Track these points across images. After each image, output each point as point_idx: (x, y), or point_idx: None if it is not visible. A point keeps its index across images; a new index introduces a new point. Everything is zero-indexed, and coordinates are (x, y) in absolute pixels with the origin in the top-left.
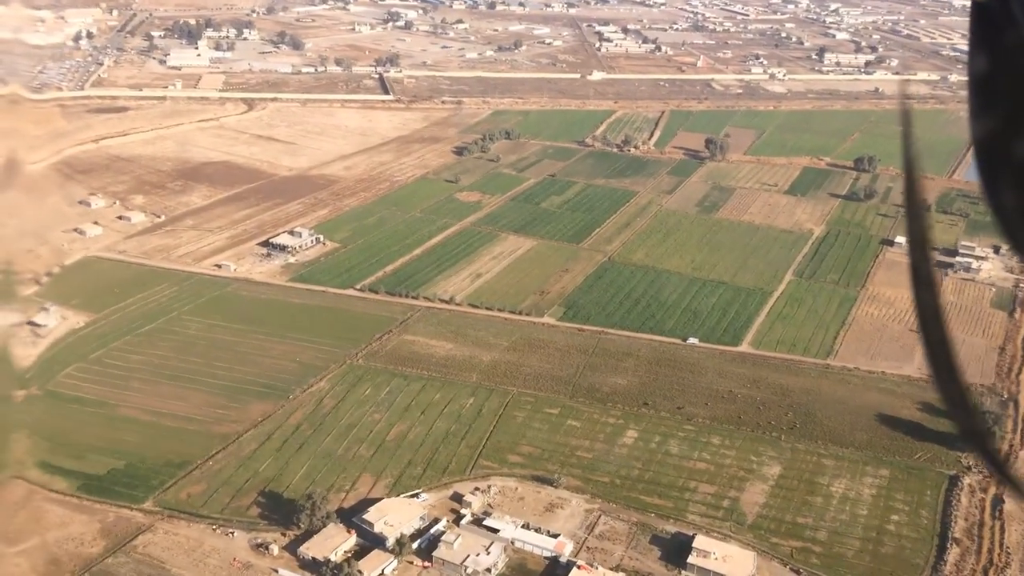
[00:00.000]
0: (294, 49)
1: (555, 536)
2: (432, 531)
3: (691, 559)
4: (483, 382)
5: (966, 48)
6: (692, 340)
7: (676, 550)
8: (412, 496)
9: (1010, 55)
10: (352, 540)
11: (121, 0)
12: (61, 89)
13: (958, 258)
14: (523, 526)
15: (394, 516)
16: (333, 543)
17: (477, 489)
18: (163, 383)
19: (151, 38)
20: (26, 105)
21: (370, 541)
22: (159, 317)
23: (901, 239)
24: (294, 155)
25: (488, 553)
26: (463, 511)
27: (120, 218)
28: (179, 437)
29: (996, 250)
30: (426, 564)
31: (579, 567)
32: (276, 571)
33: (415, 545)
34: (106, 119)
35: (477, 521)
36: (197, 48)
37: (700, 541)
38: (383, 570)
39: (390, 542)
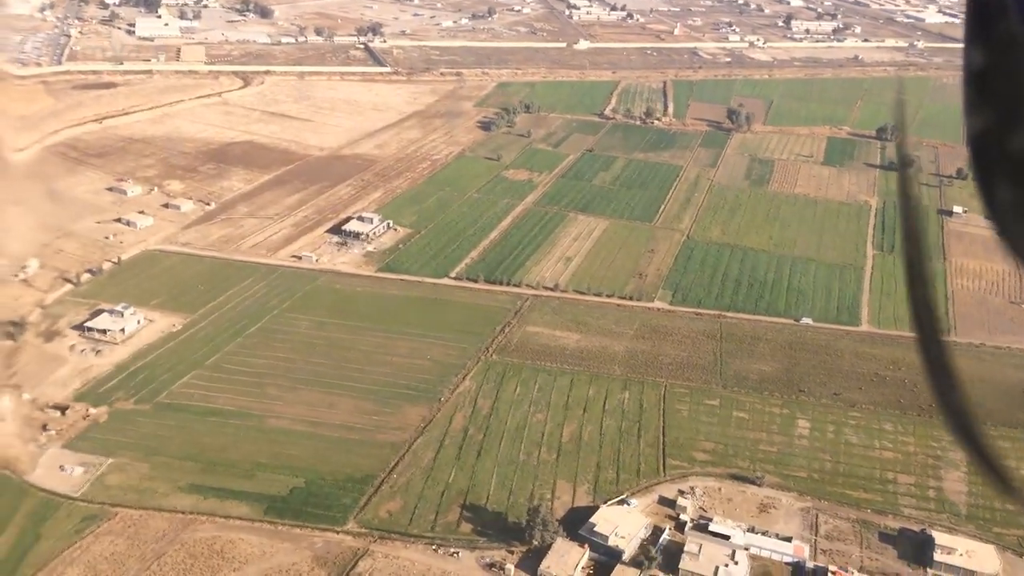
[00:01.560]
0: (262, 17)
1: (787, 540)
2: (661, 541)
3: (937, 556)
4: (628, 374)
5: (919, 16)
6: (806, 320)
7: (912, 547)
8: (619, 503)
9: (1004, 49)
10: (586, 554)
11: None
12: (40, 64)
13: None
14: (749, 530)
15: (624, 527)
16: (570, 559)
17: (681, 492)
18: (301, 389)
19: (107, 6)
20: (11, 82)
21: (604, 554)
22: (262, 316)
23: (959, 209)
24: (317, 133)
25: (736, 563)
26: (682, 517)
27: (167, 206)
28: (346, 448)
29: None
30: None
31: (834, 573)
32: None
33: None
34: (96, 96)
35: (701, 527)
36: (160, 16)
37: (942, 538)
38: None
39: (626, 555)
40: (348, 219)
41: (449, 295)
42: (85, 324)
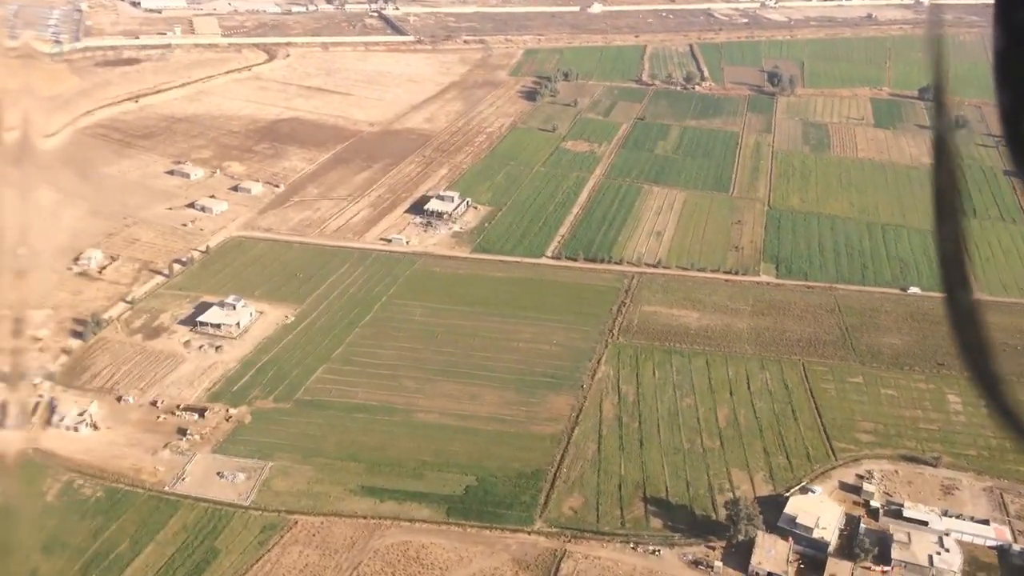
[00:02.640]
0: None
1: (984, 522)
2: (860, 530)
3: None
4: (761, 353)
5: None
6: (914, 289)
7: None
8: (801, 491)
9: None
10: (790, 547)
11: None
12: (60, 42)
13: None
14: (944, 514)
15: (824, 517)
16: (779, 553)
17: (860, 476)
18: (438, 380)
19: None
20: (42, 60)
21: (808, 547)
22: (371, 304)
23: None
24: (360, 107)
25: (947, 550)
26: (872, 503)
27: (236, 190)
28: (505, 442)
29: None
30: (884, 569)
31: None
32: None
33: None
34: (122, 73)
35: (894, 514)
36: None
37: None
38: None
39: (831, 546)
40: (426, 198)
41: (552, 275)
42: (197, 319)
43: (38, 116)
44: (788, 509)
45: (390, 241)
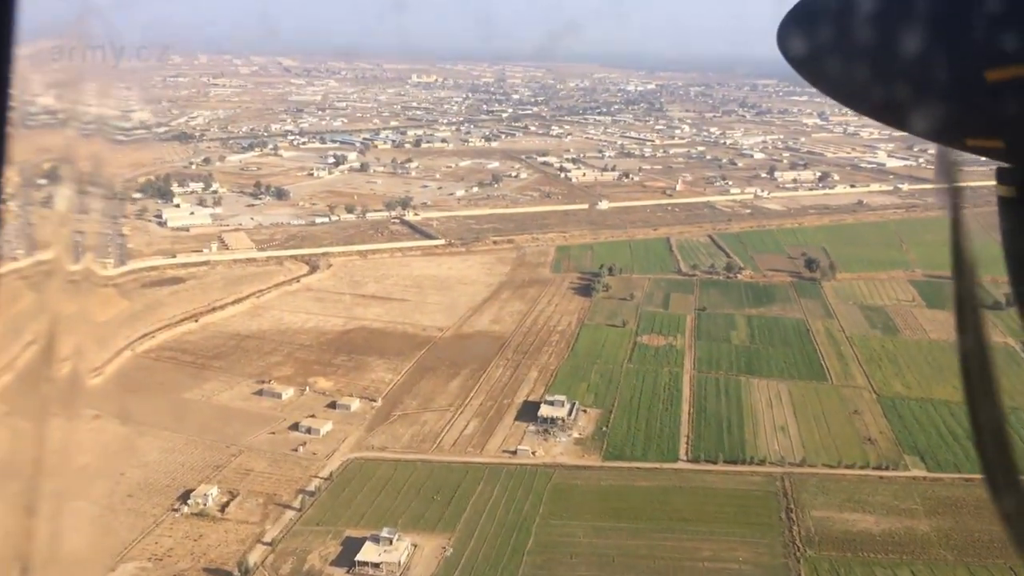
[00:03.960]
0: (278, 199)
1: None
2: None
3: None
4: (964, 559)
5: (877, 161)
6: None
7: None
8: None
9: None
10: None
11: None
12: (106, 266)
13: None
14: None
15: None
16: None
17: None
18: None
19: (136, 200)
20: (98, 282)
21: None
22: (527, 527)
23: None
24: (422, 313)
25: None
26: None
27: (333, 407)
28: None
29: None
30: None
31: None
32: None
33: None
34: (172, 292)
35: None
36: (178, 206)
37: None
38: None
39: None
40: (531, 404)
41: (699, 480)
42: (355, 559)
43: (96, 344)
44: None
45: (515, 453)
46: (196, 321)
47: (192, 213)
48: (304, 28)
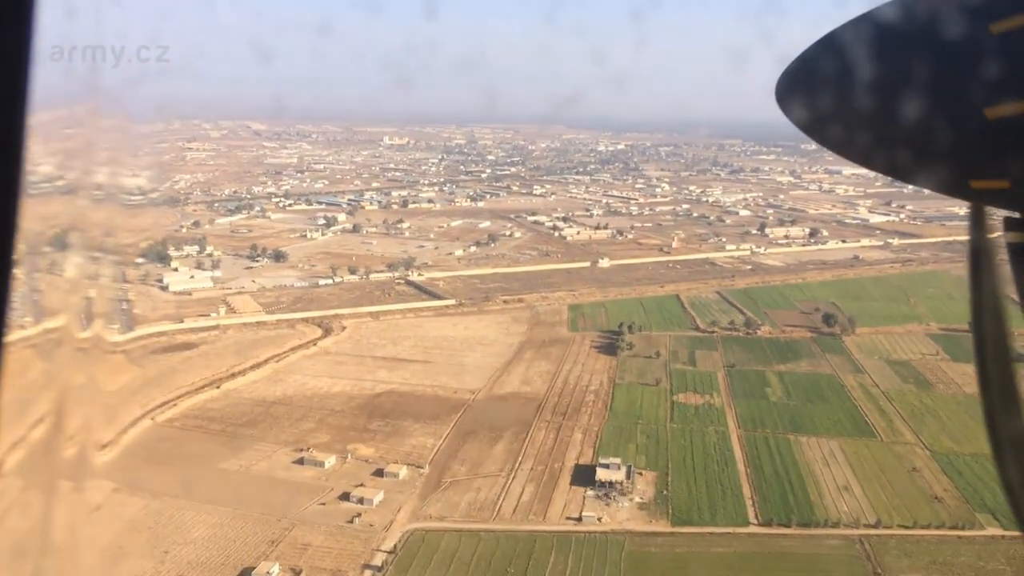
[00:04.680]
0: (276, 261)
1: None
2: None
3: None
4: None
5: (862, 217)
6: None
7: None
8: None
9: None
10: None
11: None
12: (114, 332)
13: None
14: None
15: None
16: None
17: None
18: None
19: (138, 265)
20: (108, 349)
21: None
22: None
23: None
24: (448, 375)
25: None
26: None
27: (380, 475)
28: None
29: None
30: None
31: None
32: None
33: None
34: (184, 359)
35: None
36: (176, 270)
37: None
38: None
39: None
40: (585, 467)
41: (776, 546)
42: None
43: (107, 414)
44: None
45: (580, 519)
46: (218, 388)
47: (192, 277)
48: (266, 91)
